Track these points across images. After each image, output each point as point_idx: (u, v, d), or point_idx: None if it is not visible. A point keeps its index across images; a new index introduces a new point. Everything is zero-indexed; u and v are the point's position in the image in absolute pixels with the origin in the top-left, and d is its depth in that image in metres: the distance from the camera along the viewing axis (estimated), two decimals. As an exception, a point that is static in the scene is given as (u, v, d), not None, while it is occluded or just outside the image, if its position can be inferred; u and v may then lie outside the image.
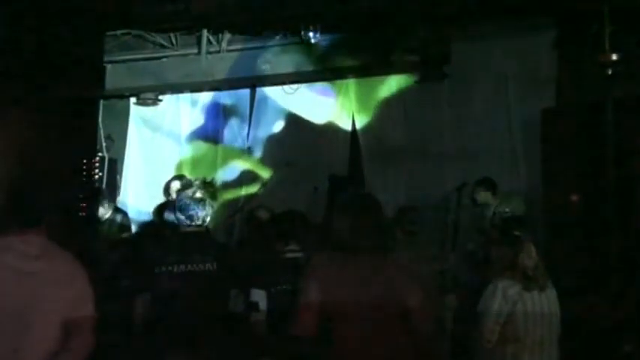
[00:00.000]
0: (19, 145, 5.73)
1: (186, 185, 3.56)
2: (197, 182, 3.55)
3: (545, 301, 3.36)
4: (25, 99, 5.98)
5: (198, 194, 3.47)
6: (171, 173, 7.17)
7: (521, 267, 3.36)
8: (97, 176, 7.35)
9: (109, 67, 7.30)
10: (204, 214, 3.46)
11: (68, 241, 3.44)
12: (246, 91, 7.58)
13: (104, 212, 6.10)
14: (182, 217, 3.45)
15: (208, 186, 3.55)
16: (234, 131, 7.69)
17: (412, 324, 2.77)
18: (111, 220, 6.13)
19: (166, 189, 6.23)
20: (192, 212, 3.44)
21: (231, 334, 3.39)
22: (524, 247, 3.40)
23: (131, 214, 7.54)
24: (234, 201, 7.05)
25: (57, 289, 2.70)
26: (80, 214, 6.12)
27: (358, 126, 7.08)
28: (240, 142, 7.62)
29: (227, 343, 3.34)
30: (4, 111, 5.70)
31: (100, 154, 7.45)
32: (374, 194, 3.32)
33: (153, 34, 7.28)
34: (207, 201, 3.48)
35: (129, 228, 6.28)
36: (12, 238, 2.73)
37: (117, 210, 6.43)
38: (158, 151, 7.93)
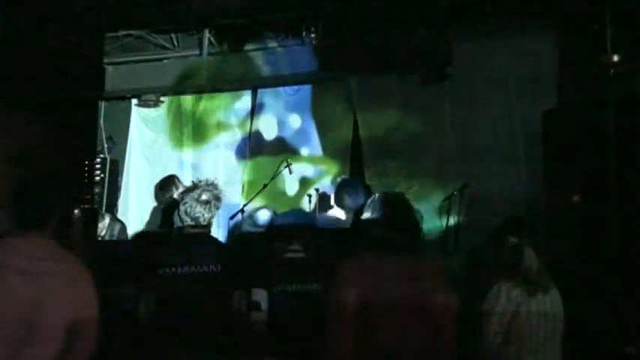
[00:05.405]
0: (24, 146, 5.74)
1: (192, 187, 3.56)
2: (202, 184, 3.55)
3: (548, 303, 3.37)
4: (28, 100, 6.00)
5: (204, 196, 3.48)
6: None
7: (523, 272, 3.37)
8: (97, 177, 7.38)
9: (110, 68, 7.35)
10: (209, 216, 3.48)
11: (69, 242, 3.46)
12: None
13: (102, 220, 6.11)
14: (187, 219, 3.47)
15: (213, 188, 3.56)
16: None
17: (442, 323, 2.78)
18: (109, 228, 6.14)
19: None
20: (197, 214, 3.45)
21: (234, 335, 3.39)
22: (523, 252, 3.41)
23: (132, 215, 7.59)
24: (237, 201, 7.05)
25: (62, 290, 2.70)
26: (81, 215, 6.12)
27: (360, 126, 7.09)
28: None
29: (229, 344, 3.34)
30: (8, 112, 5.71)
31: (101, 155, 7.49)
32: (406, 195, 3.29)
33: (154, 35, 7.31)
34: (213, 202, 3.49)
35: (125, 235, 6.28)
36: (17, 240, 2.72)
37: (114, 219, 6.44)
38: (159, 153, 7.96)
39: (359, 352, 2.71)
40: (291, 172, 6.71)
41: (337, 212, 5.68)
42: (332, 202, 5.84)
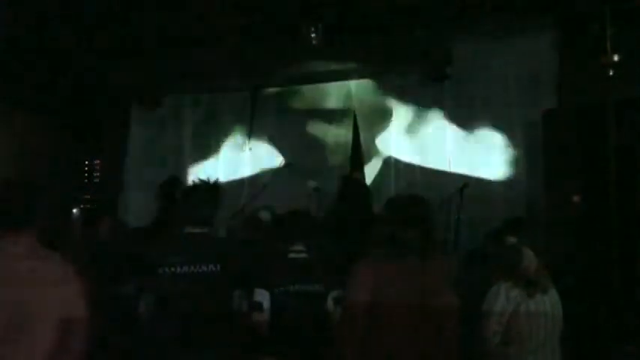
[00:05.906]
0: (23, 146, 5.77)
1: (192, 187, 3.56)
2: (202, 183, 3.55)
3: (547, 303, 3.38)
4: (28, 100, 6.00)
5: (204, 196, 3.48)
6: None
7: (522, 272, 3.38)
8: (97, 178, 7.39)
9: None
10: (209, 215, 3.48)
11: (65, 243, 3.45)
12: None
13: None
14: (187, 218, 3.46)
15: (213, 187, 3.55)
16: None
17: (446, 323, 2.78)
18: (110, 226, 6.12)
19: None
20: (197, 213, 3.45)
21: (234, 335, 3.39)
22: (522, 252, 3.41)
23: (132, 215, 7.58)
24: (236, 201, 7.05)
25: (48, 289, 2.67)
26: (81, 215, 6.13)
27: (360, 126, 7.10)
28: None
29: (230, 344, 3.34)
30: (8, 112, 5.72)
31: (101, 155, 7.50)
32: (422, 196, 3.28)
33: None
34: (213, 202, 3.49)
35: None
36: (1, 240, 2.69)
37: (114, 219, 6.43)
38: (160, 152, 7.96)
39: (371, 350, 2.71)
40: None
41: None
42: (334, 202, 5.85)
